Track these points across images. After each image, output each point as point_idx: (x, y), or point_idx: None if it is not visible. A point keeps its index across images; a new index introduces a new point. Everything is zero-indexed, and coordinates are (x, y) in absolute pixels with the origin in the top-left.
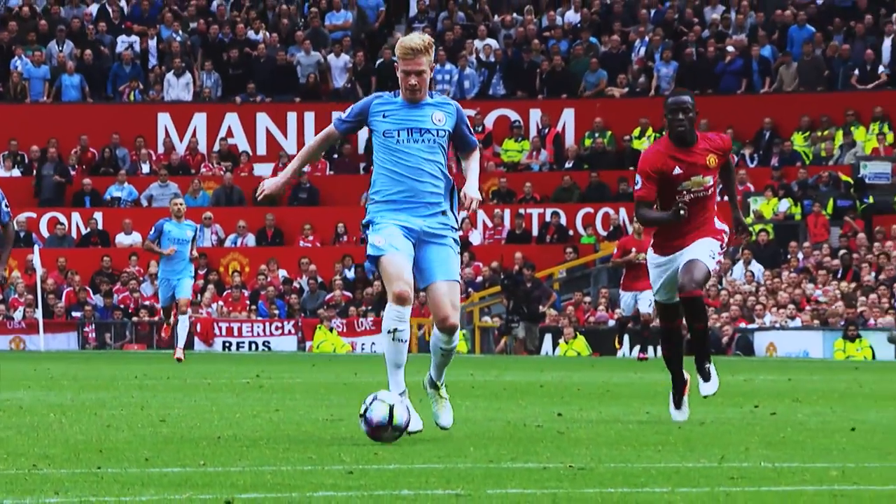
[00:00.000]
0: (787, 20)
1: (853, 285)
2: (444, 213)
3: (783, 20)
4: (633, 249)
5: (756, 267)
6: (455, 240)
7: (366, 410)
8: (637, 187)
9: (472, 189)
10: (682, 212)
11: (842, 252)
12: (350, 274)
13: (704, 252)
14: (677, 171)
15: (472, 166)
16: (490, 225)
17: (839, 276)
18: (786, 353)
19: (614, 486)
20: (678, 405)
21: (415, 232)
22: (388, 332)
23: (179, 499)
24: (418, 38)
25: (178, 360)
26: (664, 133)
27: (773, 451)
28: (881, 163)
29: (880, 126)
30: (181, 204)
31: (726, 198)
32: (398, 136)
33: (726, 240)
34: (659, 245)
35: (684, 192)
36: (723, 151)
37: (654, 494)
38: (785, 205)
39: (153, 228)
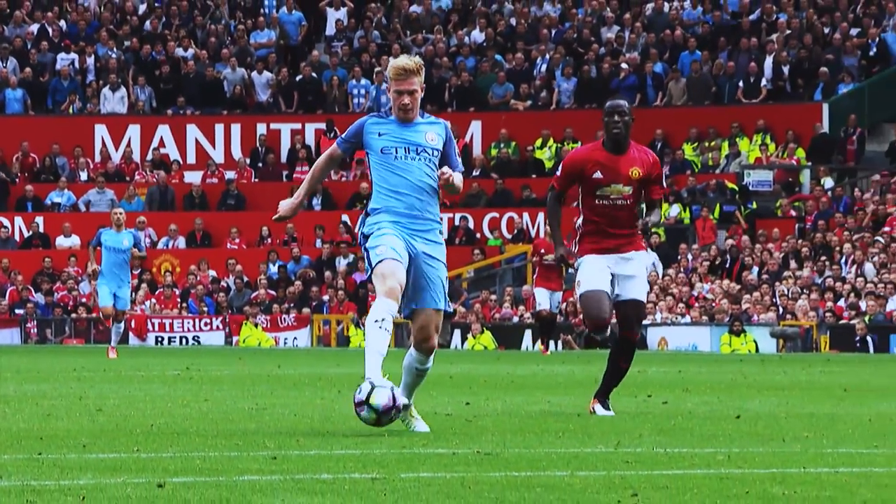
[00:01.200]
0: (677, 39)
1: (737, 286)
2: (440, 231)
3: (673, 39)
4: (543, 250)
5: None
6: (444, 261)
7: (368, 397)
8: (557, 173)
9: (455, 175)
10: (562, 265)
11: (730, 245)
12: (274, 272)
13: (643, 288)
14: (598, 175)
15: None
16: None
17: (727, 266)
18: (676, 347)
19: (518, 470)
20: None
21: (413, 249)
22: (376, 320)
23: (115, 483)
24: (410, 60)
25: (111, 358)
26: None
27: (664, 437)
28: (763, 171)
29: (763, 137)
30: (120, 214)
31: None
32: (396, 152)
33: (646, 249)
34: (589, 248)
35: (604, 197)
36: (649, 167)
37: (554, 477)
38: (675, 210)
39: (95, 236)
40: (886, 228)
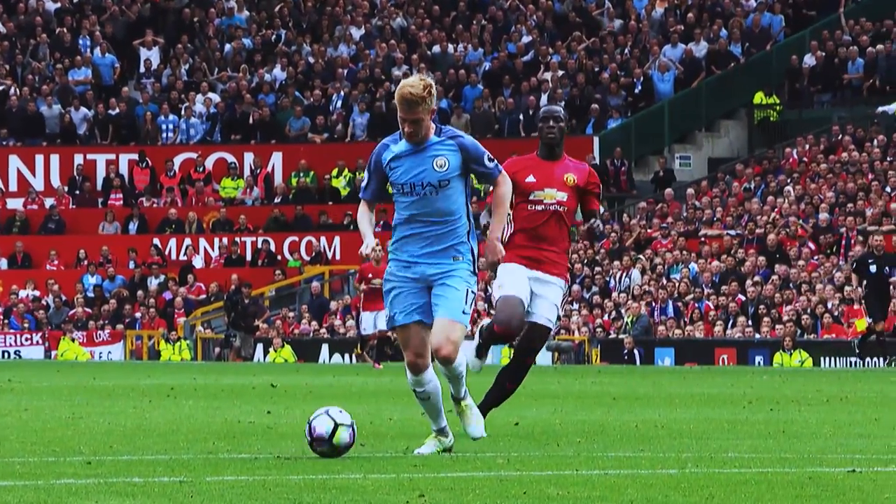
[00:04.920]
0: (461, 78)
1: None
2: (456, 257)
3: (457, 78)
4: (370, 275)
5: None
6: (465, 278)
7: (314, 418)
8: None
9: (492, 245)
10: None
11: None
12: (90, 291)
13: (553, 313)
14: (531, 178)
15: (495, 208)
16: (211, 252)
17: None
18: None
19: (315, 474)
20: (482, 356)
21: (423, 279)
22: (414, 392)
23: None
24: (417, 87)
25: None
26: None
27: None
28: None
29: None
30: None
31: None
32: (402, 189)
33: (568, 280)
34: (512, 256)
35: (536, 202)
36: (586, 177)
37: (349, 480)
38: None
39: None
40: (648, 251)
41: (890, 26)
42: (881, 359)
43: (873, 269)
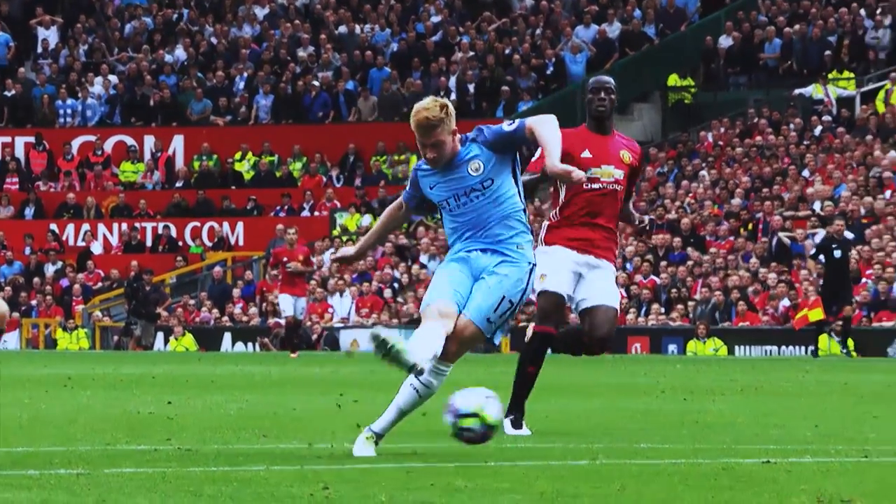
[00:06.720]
0: (368, 59)
1: None
2: (518, 246)
3: (365, 60)
4: (286, 258)
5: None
6: (513, 284)
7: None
8: (534, 158)
9: (558, 169)
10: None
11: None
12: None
13: (615, 296)
14: (587, 154)
15: (543, 140)
16: (110, 238)
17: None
18: (366, 349)
19: (217, 465)
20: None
21: (477, 268)
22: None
23: None
24: (433, 109)
25: None
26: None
27: (355, 434)
28: None
29: None
30: None
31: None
32: (448, 204)
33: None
34: (561, 238)
35: (592, 180)
36: (638, 157)
37: (251, 472)
38: (367, 219)
39: None
40: None
41: (807, 7)
42: (841, 347)
43: (837, 253)
